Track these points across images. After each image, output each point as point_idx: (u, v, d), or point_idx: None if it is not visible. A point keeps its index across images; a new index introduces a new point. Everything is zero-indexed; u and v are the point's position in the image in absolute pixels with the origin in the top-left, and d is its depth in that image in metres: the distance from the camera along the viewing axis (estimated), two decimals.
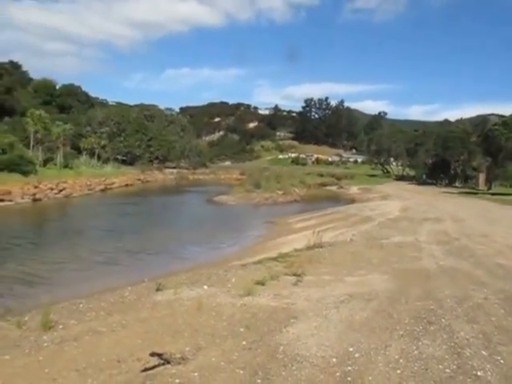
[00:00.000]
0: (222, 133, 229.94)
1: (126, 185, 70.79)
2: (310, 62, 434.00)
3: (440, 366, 6.61)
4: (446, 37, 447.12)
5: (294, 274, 12.66)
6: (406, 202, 46.37)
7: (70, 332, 8.26)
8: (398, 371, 6.44)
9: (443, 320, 8.70)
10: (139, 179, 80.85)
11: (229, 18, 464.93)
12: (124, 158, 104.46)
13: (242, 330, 8.11)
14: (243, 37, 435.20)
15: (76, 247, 22.28)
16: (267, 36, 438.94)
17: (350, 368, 6.51)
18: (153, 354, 6.77)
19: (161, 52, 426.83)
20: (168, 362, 6.60)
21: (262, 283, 11.47)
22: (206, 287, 11.45)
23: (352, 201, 53.57)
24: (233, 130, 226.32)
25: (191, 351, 7.04)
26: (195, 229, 30.26)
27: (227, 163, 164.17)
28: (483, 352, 7.15)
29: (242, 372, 6.39)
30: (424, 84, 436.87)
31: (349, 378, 6.19)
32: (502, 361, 6.82)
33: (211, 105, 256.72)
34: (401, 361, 6.79)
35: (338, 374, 6.34)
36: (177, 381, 6.11)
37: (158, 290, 11.30)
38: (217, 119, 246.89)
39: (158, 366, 6.52)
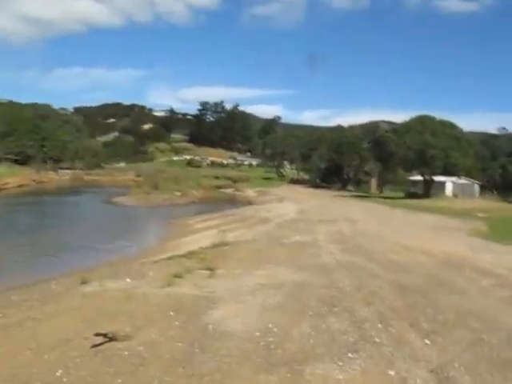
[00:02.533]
0: (116, 134, 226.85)
1: (21, 185, 69.46)
2: (206, 66, 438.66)
3: (345, 336, 8.14)
4: (341, 47, 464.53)
5: (207, 268, 13.87)
6: (301, 204, 48.66)
7: (11, 320, 9.22)
8: (311, 340, 7.91)
9: (344, 303, 10.29)
10: (34, 180, 79.35)
11: (127, 19, 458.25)
12: (17, 157, 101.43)
13: (171, 313, 9.30)
14: (140, 38, 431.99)
15: None
16: (164, 38, 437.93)
17: (271, 339, 7.91)
18: (97, 334, 7.75)
19: (55, 50, 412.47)
20: (113, 340, 7.63)
21: (179, 276, 12.62)
22: (128, 280, 12.53)
23: (249, 203, 55.41)
24: (128, 132, 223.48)
25: (132, 331, 8.13)
26: (99, 229, 31.02)
27: (122, 164, 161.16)
28: (379, 325, 8.77)
29: (180, 344, 7.63)
30: (317, 90, 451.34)
31: (272, 346, 7.59)
32: (393, 331, 8.47)
33: (106, 105, 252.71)
34: (312, 333, 8.26)
35: (262, 343, 7.72)
36: (125, 353, 7.23)
37: (83, 282, 12.19)
38: (111, 120, 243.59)
39: (105, 342, 7.56)
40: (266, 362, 6.97)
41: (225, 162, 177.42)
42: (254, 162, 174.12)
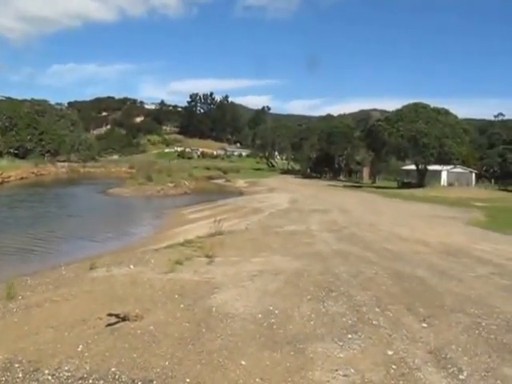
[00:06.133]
0: (109, 127, 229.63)
1: (22, 178, 71.35)
2: (196, 58, 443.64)
3: (344, 319, 8.64)
4: (331, 35, 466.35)
5: (206, 256, 14.42)
6: (293, 194, 49.19)
7: (30, 301, 9.81)
8: (312, 322, 8.41)
9: (342, 288, 10.78)
10: (33, 172, 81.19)
11: (121, 14, 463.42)
12: (16, 151, 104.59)
13: (176, 296, 9.86)
14: (133, 32, 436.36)
15: None
16: (156, 32, 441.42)
17: (273, 320, 8.42)
18: (110, 315, 8.30)
19: (49, 47, 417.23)
20: (125, 320, 8.17)
21: (179, 263, 13.16)
22: (132, 266, 13.15)
23: (240, 193, 55.92)
24: (120, 125, 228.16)
25: (141, 312, 8.64)
26: (96, 219, 31.63)
27: (115, 157, 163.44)
28: (376, 309, 9.28)
29: (187, 325, 8.16)
30: (306, 79, 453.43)
31: (274, 327, 8.11)
32: (391, 314, 8.98)
33: (98, 99, 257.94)
34: (312, 315, 8.76)
35: (265, 324, 8.24)
36: (138, 331, 7.78)
37: (91, 268, 12.91)
38: (104, 113, 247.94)
39: (119, 322, 8.11)
40: (270, 340, 7.47)
41: (215, 152, 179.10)
42: (244, 153, 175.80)
